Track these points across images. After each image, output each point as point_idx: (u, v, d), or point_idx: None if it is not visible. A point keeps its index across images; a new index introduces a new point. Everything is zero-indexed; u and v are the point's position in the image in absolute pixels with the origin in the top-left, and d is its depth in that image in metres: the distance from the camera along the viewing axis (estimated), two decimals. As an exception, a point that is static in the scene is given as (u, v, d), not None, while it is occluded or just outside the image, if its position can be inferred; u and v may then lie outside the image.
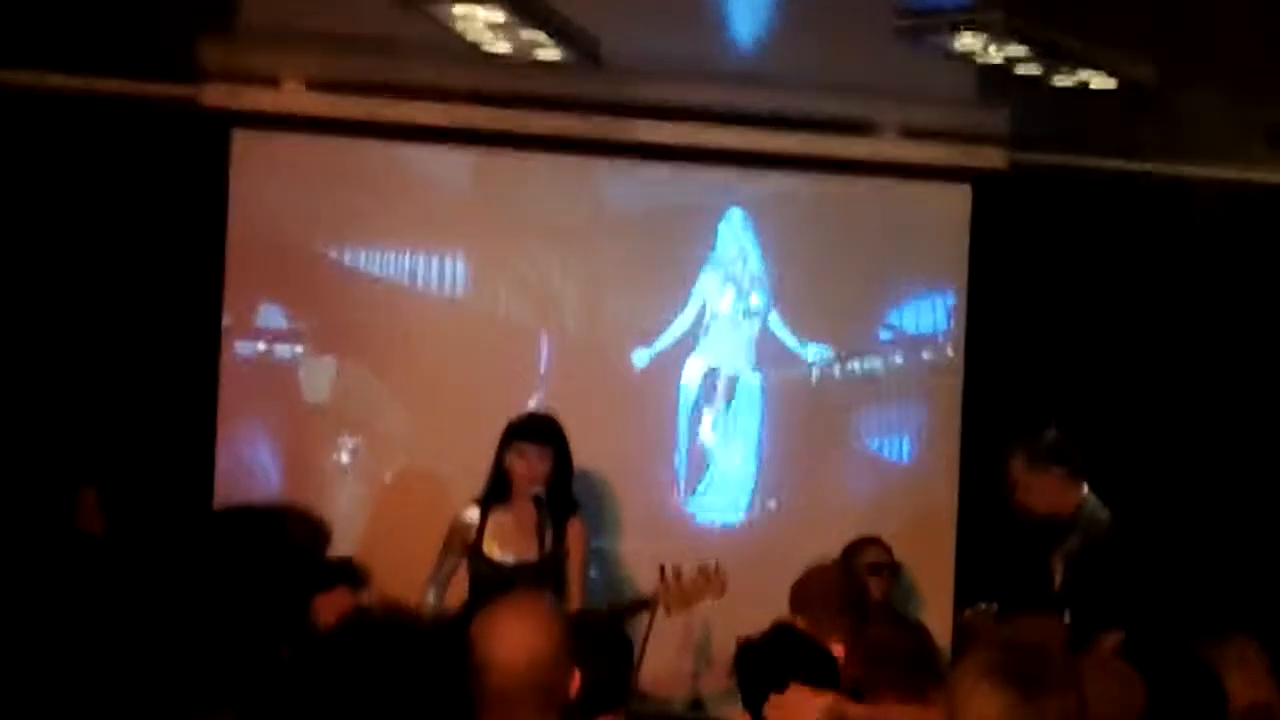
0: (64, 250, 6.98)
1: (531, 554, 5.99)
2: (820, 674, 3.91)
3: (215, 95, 6.93)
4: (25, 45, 6.80)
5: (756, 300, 7.32)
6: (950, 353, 7.38)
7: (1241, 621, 4.67)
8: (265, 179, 7.10)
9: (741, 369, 7.32)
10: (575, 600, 6.02)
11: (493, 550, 6.02)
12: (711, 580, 6.07)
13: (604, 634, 4.40)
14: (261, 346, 7.14)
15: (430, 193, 7.20)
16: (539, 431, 6.02)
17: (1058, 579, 5.84)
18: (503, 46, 5.93)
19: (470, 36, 5.85)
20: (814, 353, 7.35)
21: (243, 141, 7.03)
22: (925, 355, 7.40)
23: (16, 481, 6.50)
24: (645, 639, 5.74)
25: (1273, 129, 7.40)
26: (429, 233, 7.18)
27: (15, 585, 5.17)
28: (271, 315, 7.14)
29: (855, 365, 7.39)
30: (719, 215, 7.32)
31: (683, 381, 7.28)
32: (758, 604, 6.58)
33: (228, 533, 3.81)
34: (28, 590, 5.00)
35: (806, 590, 5.01)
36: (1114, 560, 5.69)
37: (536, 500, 5.99)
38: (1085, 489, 5.93)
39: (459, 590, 6.11)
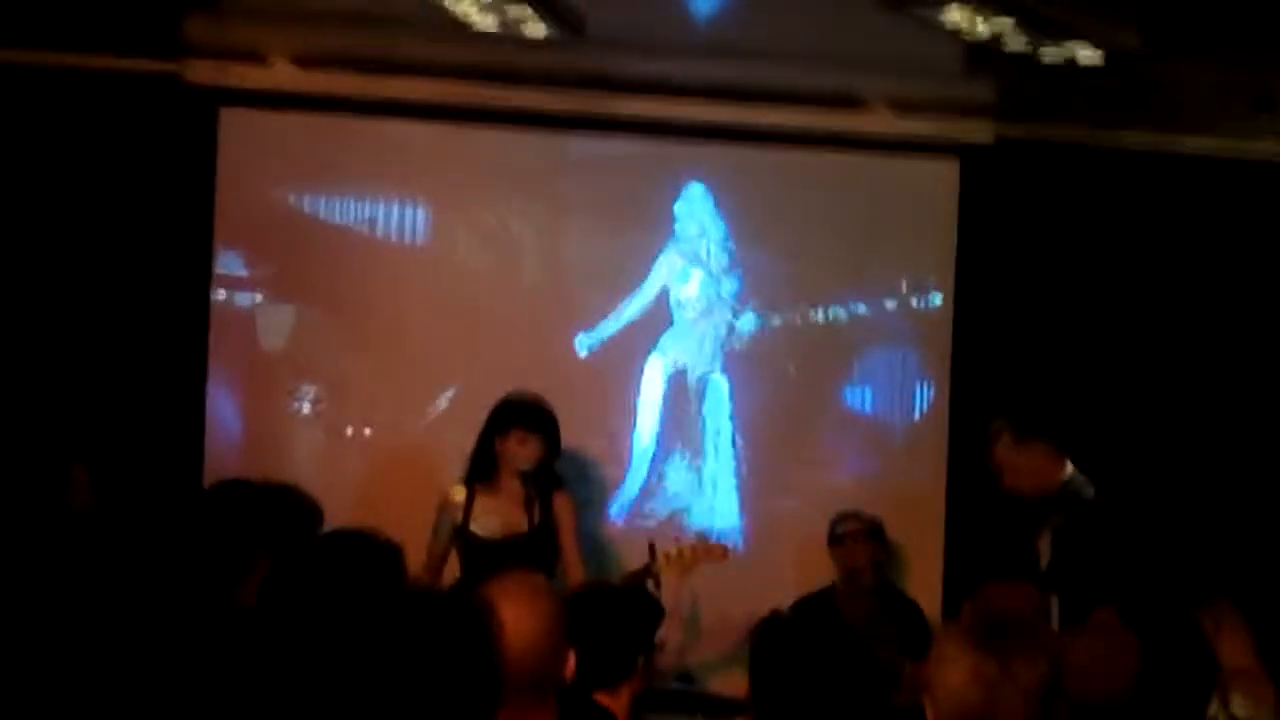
0: (48, 227, 6.96)
1: (520, 527, 6.02)
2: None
3: (201, 72, 6.90)
4: (11, 21, 6.78)
5: (733, 273, 7.30)
6: (938, 326, 7.37)
7: (1223, 590, 4.70)
8: (252, 154, 7.08)
9: (715, 351, 7.30)
10: (574, 570, 6.07)
11: (481, 527, 6.04)
12: (711, 548, 6.08)
13: (624, 603, 4.42)
14: (221, 294, 7.11)
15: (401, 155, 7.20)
16: (539, 421, 6.04)
17: (1044, 556, 5.85)
18: (489, 22, 5.93)
19: (456, 12, 5.85)
20: (795, 330, 7.35)
21: (229, 118, 7.00)
22: (912, 329, 7.39)
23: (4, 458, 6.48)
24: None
25: (1260, 99, 7.39)
26: (390, 181, 7.17)
27: (10, 567, 5.16)
28: (230, 262, 7.10)
29: (838, 341, 7.38)
30: (697, 189, 7.29)
31: (650, 360, 7.27)
32: (747, 580, 6.68)
33: (222, 511, 3.83)
34: (23, 572, 4.99)
35: None
36: (1100, 535, 5.69)
37: (523, 476, 6.01)
38: (1069, 465, 5.93)
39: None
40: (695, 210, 7.28)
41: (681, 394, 7.26)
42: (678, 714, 5.83)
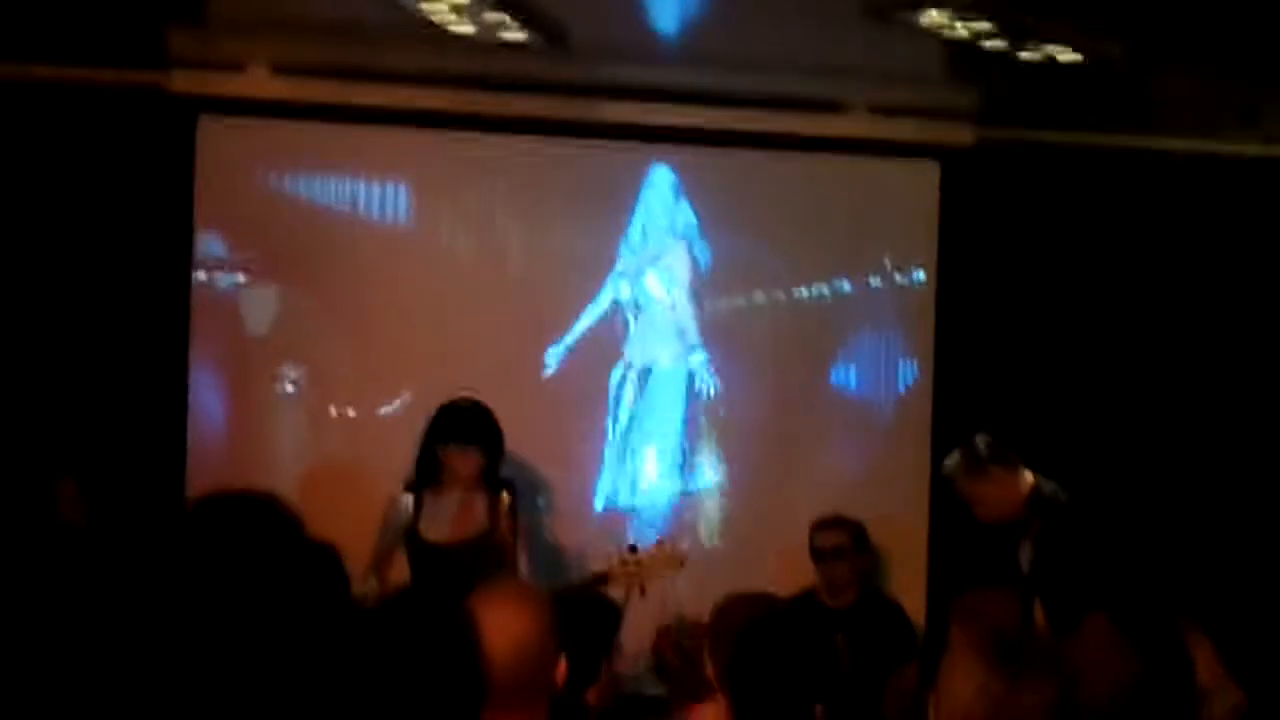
0: (29, 237, 6.94)
1: (467, 533, 5.98)
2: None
3: (182, 81, 6.89)
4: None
5: (715, 273, 7.31)
6: (920, 330, 7.38)
7: (1202, 599, 4.70)
8: (231, 163, 7.07)
9: (695, 345, 7.31)
10: (521, 574, 6.05)
11: (428, 532, 5.99)
12: (669, 555, 6.06)
13: (578, 612, 4.41)
14: (202, 276, 7.07)
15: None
16: (476, 432, 6.01)
17: (1025, 564, 5.86)
18: (467, 28, 5.93)
19: (435, 19, 5.85)
20: (775, 329, 7.36)
21: (209, 127, 6.99)
22: (894, 333, 7.40)
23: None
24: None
25: (1244, 102, 7.42)
26: (373, 163, 7.16)
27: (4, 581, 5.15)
28: (211, 244, 7.07)
29: (818, 342, 7.39)
30: (678, 192, 7.29)
31: (628, 351, 7.28)
32: (729, 579, 6.65)
33: (211, 523, 3.82)
34: (17, 587, 4.97)
35: None
36: (1080, 539, 5.70)
37: (468, 482, 6.00)
38: (1030, 477, 5.93)
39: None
40: (669, 209, 7.28)
41: (656, 387, 7.26)
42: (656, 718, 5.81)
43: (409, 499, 6.05)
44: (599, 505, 7.21)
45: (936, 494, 6.95)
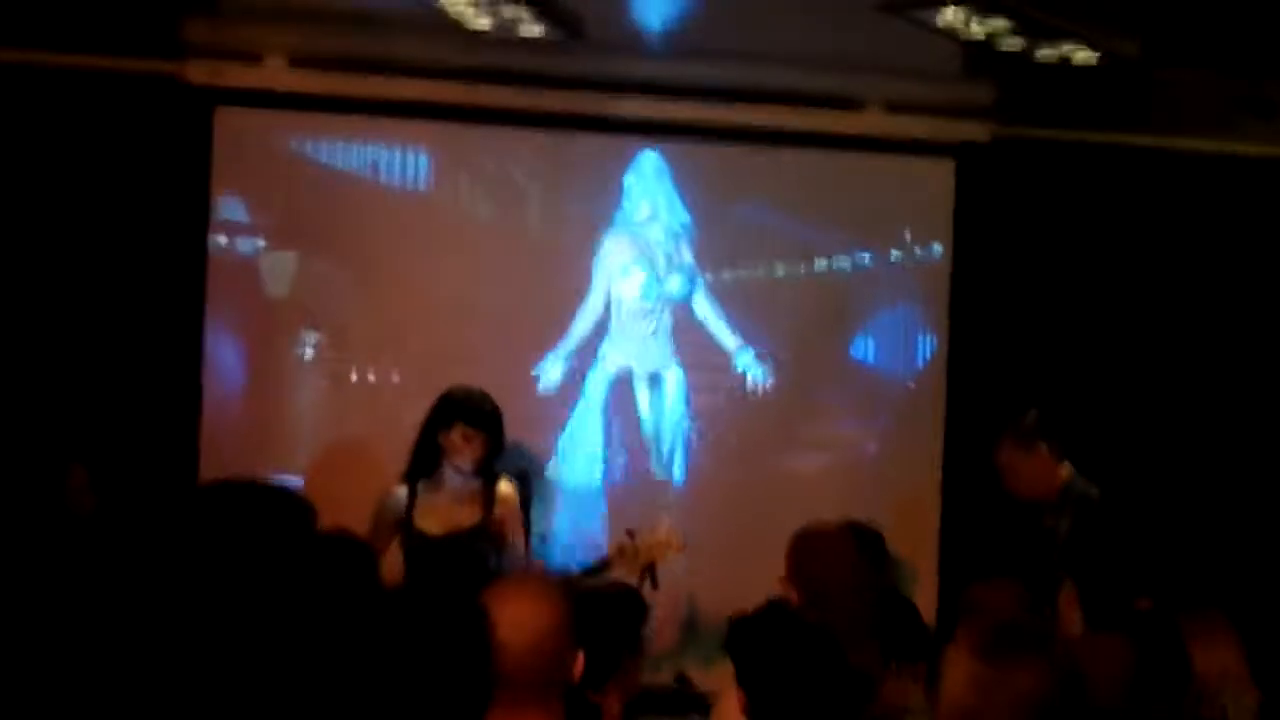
0: (44, 227, 6.95)
1: (465, 523, 5.93)
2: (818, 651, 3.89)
3: (199, 72, 6.90)
4: (8, 21, 6.78)
5: (730, 270, 7.32)
6: (935, 329, 7.39)
7: (1223, 593, 4.70)
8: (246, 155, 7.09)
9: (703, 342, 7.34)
10: (523, 562, 6.02)
11: (424, 524, 5.92)
12: (668, 537, 6.04)
13: (610, 603, 4.41)
14: (223, 240, 7.08)
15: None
16: (483, 417, 5.94)
17: (1056, 553, 5.88)
18: (484, 23, 5.93)
19: (453, 13, 5.85)
20: (795, 327, 7.37)
21: (225, 118, 7.00)
22: (908, 333, 7.41)
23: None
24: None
25: (1257, 100, 7.41)
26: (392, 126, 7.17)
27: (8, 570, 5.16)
28: (233, 208, 7.09)
29: (834, 338, 7.41)
30: (690, 184, 7.30)
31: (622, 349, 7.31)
32: (743, 575, 6.66)
33: (221, 511, 3.84)
34: (22, 575, 4.99)
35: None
36: (1105, 536, 5.72)
37: (466, 471, 5.94)
38: (1069, 469, 5.96)
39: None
40: (675, 200, 7.28)
41: (646, 389, 7.28)
42: (673, 715, 5.81)
43: (403, 490, 5.99)
44: (604, 490, 7.23)
45: (949, 485, 6.98)
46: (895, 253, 7.40)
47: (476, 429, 5.88)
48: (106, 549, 5.57)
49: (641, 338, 7.26)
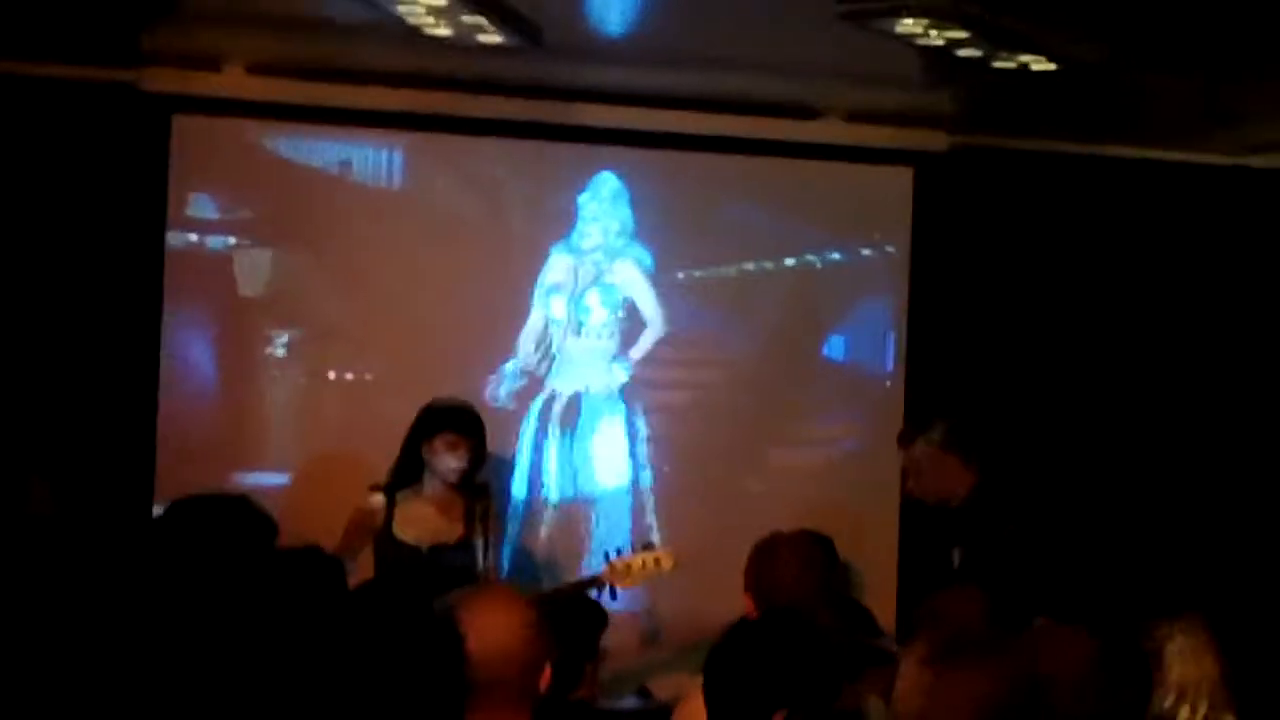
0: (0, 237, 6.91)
1: (448, 536, 5.95)
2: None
3: (156, 79, 6.86)
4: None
5: (684, 278, 7.33)
6: (894, 334, 7.41)
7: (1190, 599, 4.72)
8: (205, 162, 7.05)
9: (665, 356, 7.35)
10: (493, 578, 6.01)
11: (406, 534, 5.94)
12: (659, 557, 6.04)
13: (570, 611, 4.41)
14: (194, 238, 7.04)
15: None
16: (469, 425, 5.97)
17: (955, 561, 5.90)
18: (444, 31, 5.91)
19: (412, 21, 5.83)
20: (748, 338, 7.38)
21: (183, 126, 6.96)
22: (867, 338, 7.43)
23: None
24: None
25: (1219, 110, 7.47)
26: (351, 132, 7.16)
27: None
28: (204, 205, 7.05)
29: (793, 343, 7.44)
30: (641, 194, 7.30)
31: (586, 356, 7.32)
32: (706, 591, 6.67)
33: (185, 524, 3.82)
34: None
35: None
36: (1010, 548, 5.70)
37: (449, 483, 5.95)
38: (975, 477, 5.97)
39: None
40: (615, 212, 7.27)
41: (596, 407, 7.28)
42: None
43: (380, 499, 5.99)
44: (559, 505, 7.22)
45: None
46: (855, 259, 7.43)
47: (461, 436, 5.89)
48: (67, 563, 5.53)
49: (587, 357, 7.24)
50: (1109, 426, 7.53)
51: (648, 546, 6.12)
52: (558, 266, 7.21)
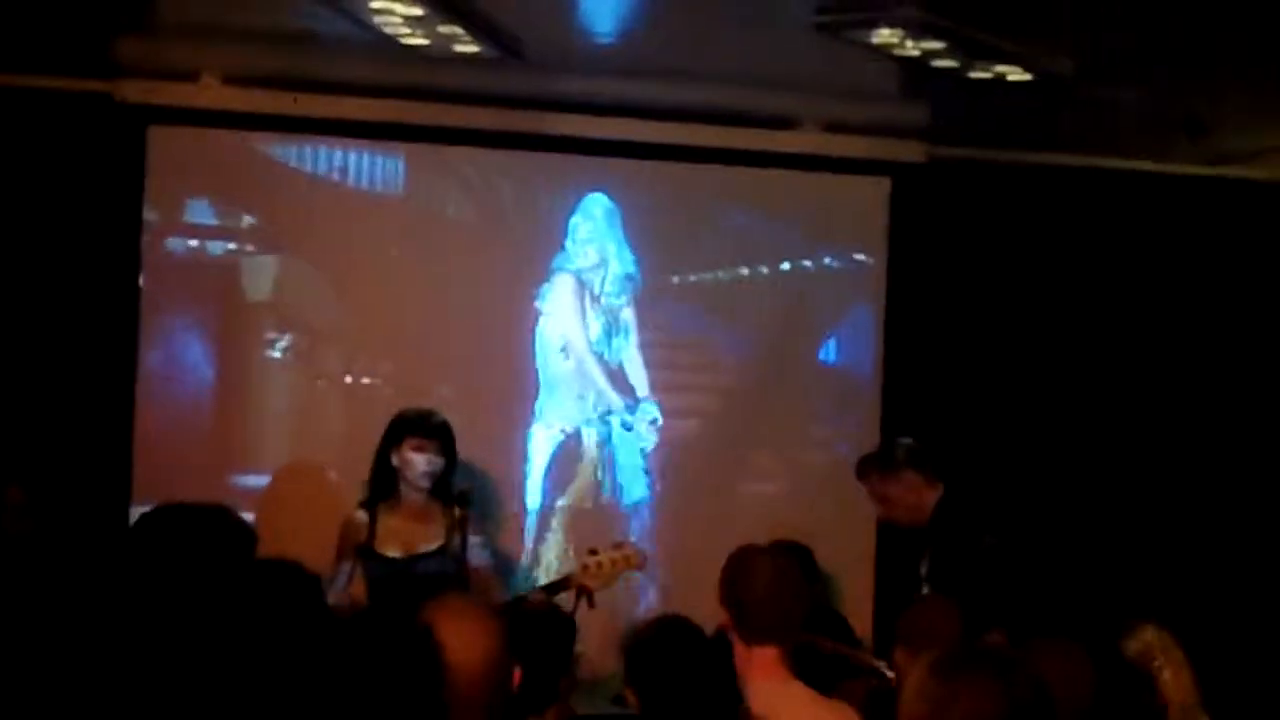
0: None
1: (426, 545, 5.95)
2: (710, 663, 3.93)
3: (132, 90, 6.85)
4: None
5: (663, 291, 7.34)
6: (869, 351, 7.43)
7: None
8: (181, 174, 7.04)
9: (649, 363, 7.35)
10: (494, 593, 5.99)
11: (386, 548, 5.95)
12: (629, 555, 6.05)
13: (543, 626, 4.40)
14: (194, 243, 7.05)
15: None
16: (433, 429, 5.99)
17: (924, 576, 5.92)
18: (421, 41, 5.91)
19: (388, 31, 5.83)
20: (726, 346, 7.39)
21: (159, 138, 6.95)
22: (843, 354, 7.44)
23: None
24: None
25: (1190, 123, 7.51)
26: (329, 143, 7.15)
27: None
28: (201, 211, 7.06)
29: (770, 358, 7.44)
30: (625, 207, 7.31)
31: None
32: (683, 599, 6.68)
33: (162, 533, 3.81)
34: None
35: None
36: (976, 558, 5.72)
37: (425, 491, 5.96)
38: (939, 492, 6.00)
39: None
40: (603, 225, 7.28)
41: (591, 429, 7.28)
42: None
43: (363, 515, 6.00)
44: (544, 514, 7.22)
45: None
46: (833, 268, 7.45)
47: (427, 439, 5.92)
48: (44, 573, 5.52)
49: (579, 370, 7.25)
50: (1082, 433, 7.56)
51: (618, 545, 6.10)
52: (559, 286, 7.23)
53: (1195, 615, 4.88)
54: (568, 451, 7.23)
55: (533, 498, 7.20)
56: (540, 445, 7.20)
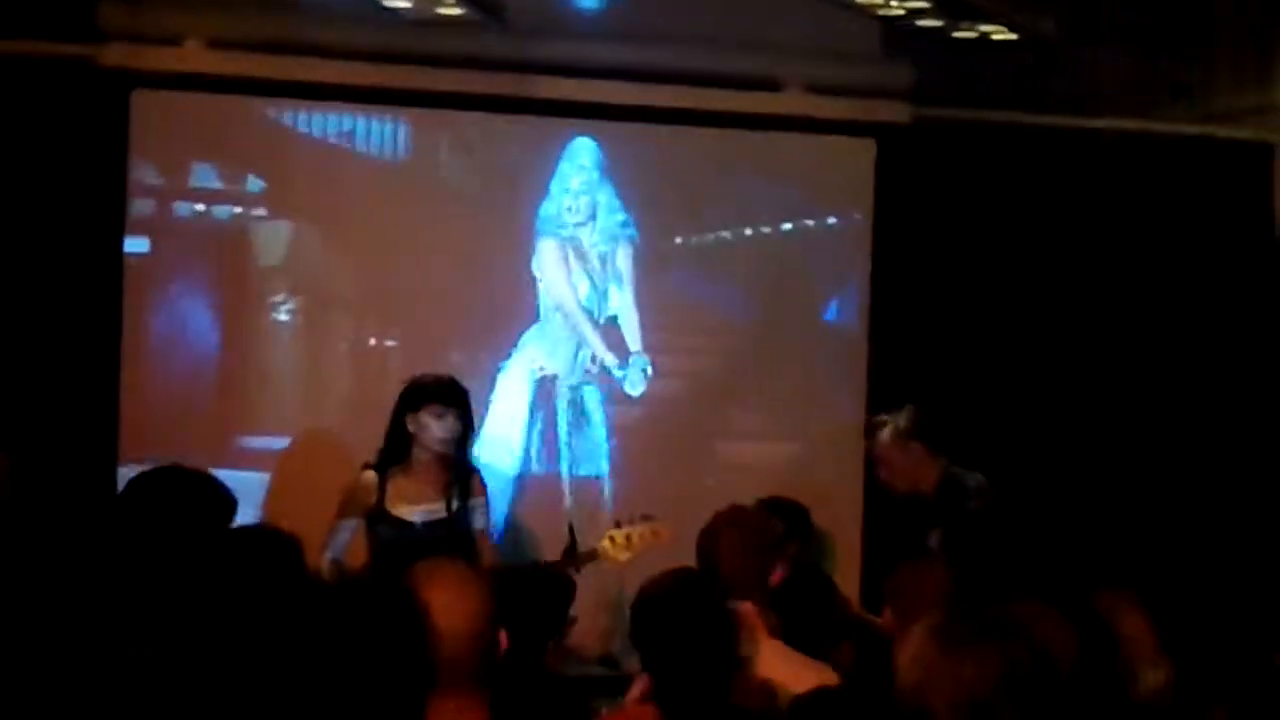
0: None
1: (438, 511, 5.93)
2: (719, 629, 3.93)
3: (115, 55, 6.82)
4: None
5: (646, 253, 7.33)
6: (856, 311, 7.44)
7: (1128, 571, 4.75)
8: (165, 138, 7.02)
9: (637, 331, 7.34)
10: (488, 556, 6.00)
11: (399, 510, 5.92)
12: (657, 529, 6.01)
13: (531, 586, 4.42)
14: (200, 207, 7.08)
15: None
16: (453, 395, 5.96)
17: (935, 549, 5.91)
18: (402, 3, 5.90)
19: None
20: (712, 306, 7.40)
21: (142, 103, 6.92)
22: (830, 314, 7.46)
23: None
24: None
25: (1175, 85, 7.50)
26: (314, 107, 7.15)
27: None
28: (185, 175, 7.05)
29: (756, 318, 7.45)
30: (608, 165, 7.28)
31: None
32: (671, 561, 6.67)
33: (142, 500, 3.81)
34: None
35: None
36: (987, 526, 5.72)
37: (440, 458, 5.95)
38: (945, 464, 5.99)
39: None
40: (594, 172, 7.26)
41: (572, 389, 7.28)
42: (601, 698, 5.82)
43: (373, 476, 5.97)
44: (534, 480, 7.23)
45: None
46: (820, 229, 7.46)
47: (447, 406, 5.90)
48: (24, 540, 5.51)
49: (570, 336, 7.26)
50: (1068, 391, 7.57)
51: (645, 518, 6.08)
52: (547, 249, 7.21)
53: (1170, 576, 4.92)
54: (569, 410, 7.24)
55: (534, 461, 7.20)
56: (541, 404, 7.21)
